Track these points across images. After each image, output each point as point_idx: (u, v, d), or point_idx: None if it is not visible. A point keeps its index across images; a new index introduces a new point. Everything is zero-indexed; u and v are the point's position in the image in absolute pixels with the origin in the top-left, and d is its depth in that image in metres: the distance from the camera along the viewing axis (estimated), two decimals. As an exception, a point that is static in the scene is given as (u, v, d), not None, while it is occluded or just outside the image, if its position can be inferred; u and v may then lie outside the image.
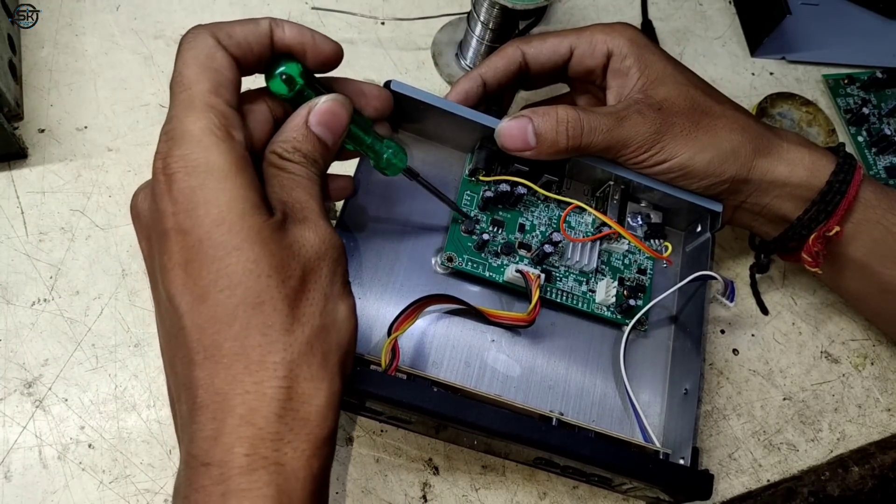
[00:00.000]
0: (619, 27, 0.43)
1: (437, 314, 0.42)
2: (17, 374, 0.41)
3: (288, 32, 0.33)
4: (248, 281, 0.28)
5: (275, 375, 0.28)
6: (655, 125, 0.40)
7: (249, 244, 0.28)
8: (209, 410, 0.28)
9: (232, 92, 0.31)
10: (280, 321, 0.28)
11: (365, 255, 0.42)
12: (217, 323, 0.28)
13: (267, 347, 0.28)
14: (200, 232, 0.28)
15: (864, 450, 0.48)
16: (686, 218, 0.46)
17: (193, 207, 0.28)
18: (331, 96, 0.34)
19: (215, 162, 0.29)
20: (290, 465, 0.27)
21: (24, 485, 0.39)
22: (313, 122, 0.33)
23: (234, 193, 0.29)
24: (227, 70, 0.31)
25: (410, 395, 0.35)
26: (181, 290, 0.29)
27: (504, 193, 0.43)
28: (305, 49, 0.33)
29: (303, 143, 0.33)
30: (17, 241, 0.44)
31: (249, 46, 0.32)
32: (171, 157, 0.29)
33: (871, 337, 0.52)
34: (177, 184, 0.29)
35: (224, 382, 0.28)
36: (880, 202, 0.43)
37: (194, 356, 0.28)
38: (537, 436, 0.36)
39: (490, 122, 0.42)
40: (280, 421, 0.28)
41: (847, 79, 0.62)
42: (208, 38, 0.31)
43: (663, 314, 0.45)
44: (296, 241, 0.30)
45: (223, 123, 0.30)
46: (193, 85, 0.30)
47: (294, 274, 0.29)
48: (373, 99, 0.38)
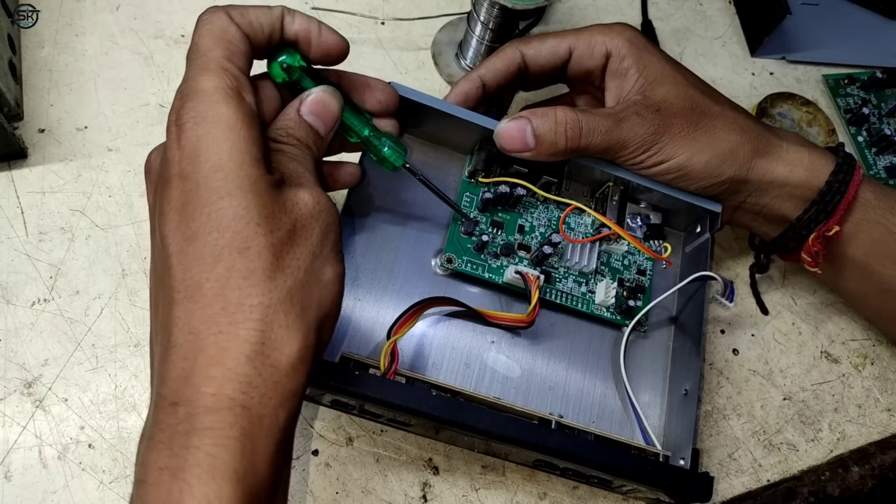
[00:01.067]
0: (617, 28, 0.43)
1: (436, 316, 0.42)
2: (17, 374, 0.41)
3: (297, 22, 0.34)
4: (236, 226, 0.29)
5: (250, 318, 0.28)
6: (653, 126, 0.40)
7: (243, 192, 0.29)
8: (182, 349, 0.28)
9: (244, 61, 0.33)
10: (262, 267, 0.29)
11: (364, 256, 0.42)
12: (202, 263, 0.29)
13: (246, 290, 0.28)
14: (199, 176, 0.29)
15: (864, 450, 0.48)
16: (685, 218, 0.46)
17: (196, 154, 0.29)
18: (321, 87, 0.35)
19: (223, 114, 0.30)
20: (255, 409, 0.27)
21: (24, 485, 0.39)
22: (304, 110, 0.35)
23: (236, 144, 0.30)
24: (239, 42, 0.32)
25: (409, 398, 0.35)
26: (173, 232, 0.29)
27: (503, 195, 0.43)
28: (310, 39, 0.35)
29: (296, 130, 0.34)
30: (17, 241, 0.44)
31: (261, 27, 0.33)
32: (183, 110, 0.30)
33: (871, 337, 0.52)
34: (185, 133, 0.30)
35: (200, 322, 0.28)
36: (880, 202, 0.43)
37: (175, 295, 0.29)
38: (536, 439, 0.36)
39: (489, 123, 0.42)
40: (250, 364, 0.28)
41: (847, 79, 0.62)
42: (223, 15, 0.33)
43: (663, 315, 0.45)
44: (289, 199, 0.31)
45: (235, 84, 0.31)
46: (208, 52, 0.32)
47: (283, 227, 0.30)
48: (378, 91, 0.39)
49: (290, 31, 0.34)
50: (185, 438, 0.26)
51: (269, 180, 0.30)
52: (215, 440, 0.26)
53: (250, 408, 0.27)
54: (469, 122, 0.42)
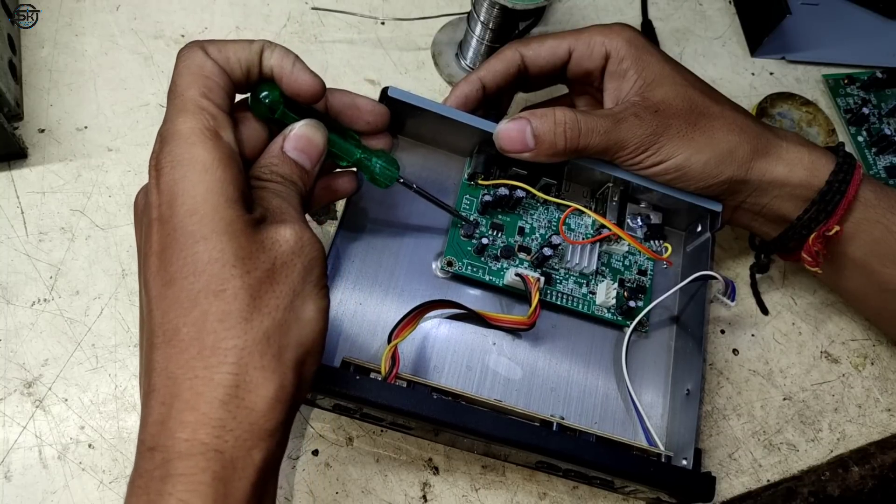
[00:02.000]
0: (617, 28, 0.43)
1: (437, 319, 0.42)
2: (17, 374, 0.41)
3: (274, 57, 0.34)
4: (211, 269, 0.29)
5: (224, 361, 0.28)
6: (652, 127, 0.40)
7: (217, 235, 0.29)
8: (160, 394, 0.28)
9: (222, 97, 0.32)
10: (238, 309, 0.29)
11: (365, 260, 0.42)
12: (178, 308, 0.29)
13: (222, 334, 0.28)
14: (175, 221, 0.29)
15: (864, 450, 0.48)
16: (686, 218, 0.46)
17: (173, 198, 0.30)
18: (304, 122, 0.35)
19: (198, 156, 0.30)
20: (229, 453, 0.27)
21: (24, 485, 0.39)
22: (288, 147, 0.34)
23: (211, 186, 0.30)
24: (216, 77, 0.32)
25: (410, 402, 0.35)
26: (154, 276, 0.30)
27: (503, 197, 0.43)
28: (282, 76, 0.34)
29: (279, 167, 0.34)
30: (17, 241, 0.44)
31: (239, 62, 0.33)
32: (161, 154, 0.31)
33: (871, 337, 0.52)
34: (163, 177, 0.30)
35: (177, 367, 0.28)
36: (880, 201, 0.43)
37: (154, 339, 0.29)
38: (538, 442, 0.36)
39: (488, 126, 0.42)
40: (223, 408, 0.28)
41: (847, 79, 0.62)
42: (199, 51, 0.32)
43: (664, 315, 0.45)
44: (269, 238, 0.31)
45: (212, 124, 0.31)
46: (185, 91, 0.31)
47: (261, 266, 0.30)
48: (366, 113, 0.39)
49: (266, 67, 0.34)
50: (160, 484, 0.27)
51: (247, 220, 0.30)
52: (187, 486, 0.27)
53: (223, 451, 0.27)
54: (468, 125, 0.42)
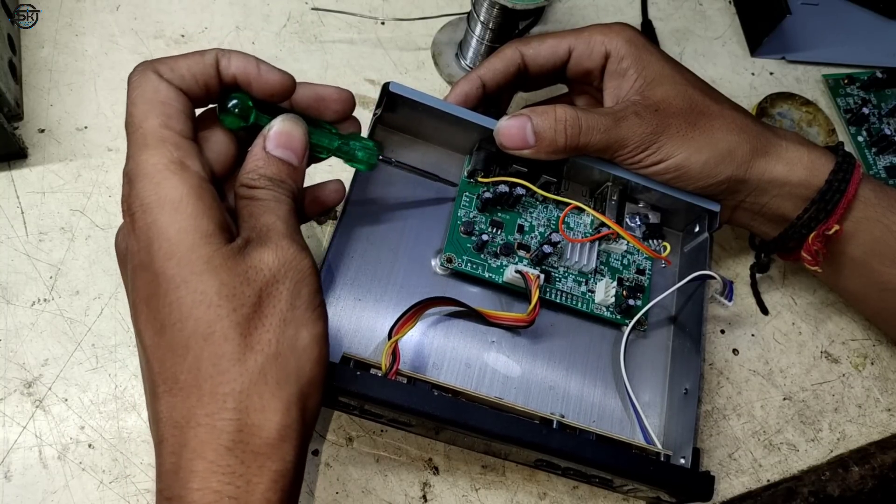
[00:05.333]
0: (617, 28, 0.43)
1: (437, 316, 0.42)
2: (17, 374, 0.41)
3: (234, 63, 0.33)
4: (196, 312, 0.28)
5: (225, 407, 0.28)
6: (652, 126, 0.40)
7: (197, 275, 0.28)
8: (169, 444, 0.28)
9: (183, 122, 0.31)
10: (230, 350, 0.28)
11: (364, 256, 0.42)
12: (173, 355, 0.28)
13: (217, 378, 0.28)
14: (156, 267, 0.29)
15: (865, 450, 0.48)
16: (684, 218, 0.46)
17: (150, 243, 0.29)
18: (281, 117, 0.34)
19: (166, 196, 0.29)
20: (243, 498, 0.27)
21: (24, 485, 0.39)
22: (271, 146, 0.33)
23: (183, 225, 0.29)
24: (174, 101, 0.31)
25: (410, 398, 0.35)
26: (144, 325, 0.29)
27: (503, 194, 0.43)
28: (250, 80, 0.33)
29: (266, 168, 0.33)
30: (17, 241, 0.44)
31: (194, 78, 0.32)
32: (131, 198, 0.30)
33: (871, 337, 0.52)
34: (136, 223, 0.29)
35: (180, 415, 0.28)
36: (880, 200, 0.43)
37: (156, 389, 0.29)
38: (538, 439, 0.36)
39: (488, 122, 0.42)
40: (230, 454, 0.28)
41: (847, 79, 0.62)
42: (150, 75, 0.31)
43: (663, 314, 0.45)
44: (252, 266, 0.30)
45: (176, 156, 0.30)
46: (143, 122, 0.30)
47: (247, 301, 0.29)
48: (332, 102, 0.37)
49: (228, 75, 0.33)
50: None
51: (227, 252, 0.29)
52: None
53: (237, 497, 0.27)
54: (468, 122, 0.42)
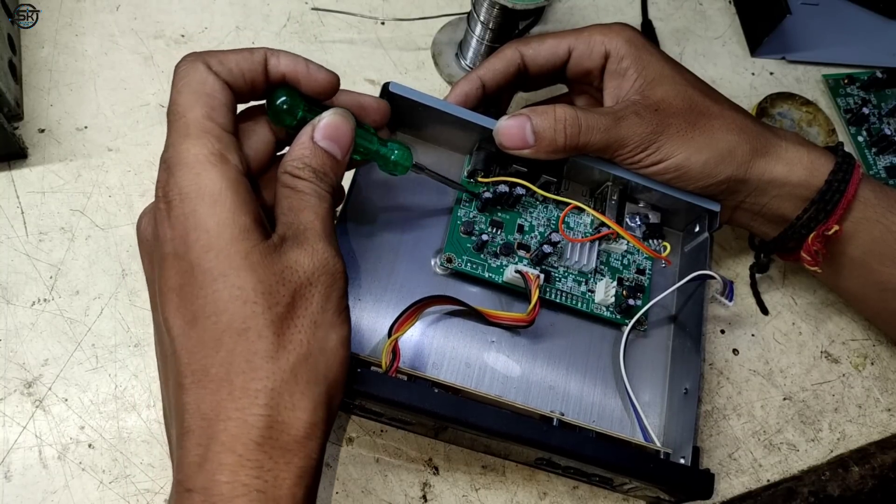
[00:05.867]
0: (616, 28, 0.43)
1: (436, 315, 0.42)
2: (17, 374, 0.41)
3: (283, 62, 0.33)
4: (233, 307, 0.28)
5: (256, 403, 0.28)
6: (652, 125, 0.40)
7: (236, 270, 0.29)
8: (195, 436, 0.28)
9: (226, 115, 0.31)
10: (264, 348, 0.29)
11: (365, 256, 0.42)
12: (204, 348, 0.28)
13: (250, 374, 0.28)
14: (192, 257, 0.29)
15: (865, 450, 0.48)
16: (684, 218, 0.46)
17: (186, 233, 0.29)
18: (332, 111, 0.34)
19: (206, 187, 0.29)
20: (271, 492, 0.28)
21: (24, 485, 0.39)
22: (318, 137, 0.33)
23: (222, 217, 0.29)
24: (219, 94, 0.31)
25: (411, 396, 0.35)
26: (174, 314, 0.29)
27: (503, 194, 0.43)
28: (299, 78, 0.34)
29: (311, 159, 0.33)
30: (17, 241, 0.44)
31: (242, 73, 0.32)
32: (168, 185, 0.30)
33: (871, 337, 0.52)
34: (173, 210, 0.29)
35: (209, 408, 0.28)
36: (879, 201, 0.43)
37: (183, 380, 0.29)
38: (538, 436, 0.36)
39: (488, 122, 0.42)
40: (259, 449, 0.28)
41: (847, 79, 0.62)
42: (199, 65, 0.31)
43: (663, 314, 0.45)
44: (288, 266, 0.30)
45: (217, 148, 0.30)
46: (187, 112, 0.30)
47: (282, 300, 0.29)
48: (372, 112, 0.38)
49: (277, 73, 0.33)
50: None
51: (264, 249, 0.30)
52: None
53: (265, 491, 0.28)
54: (468, 122, 0.42)
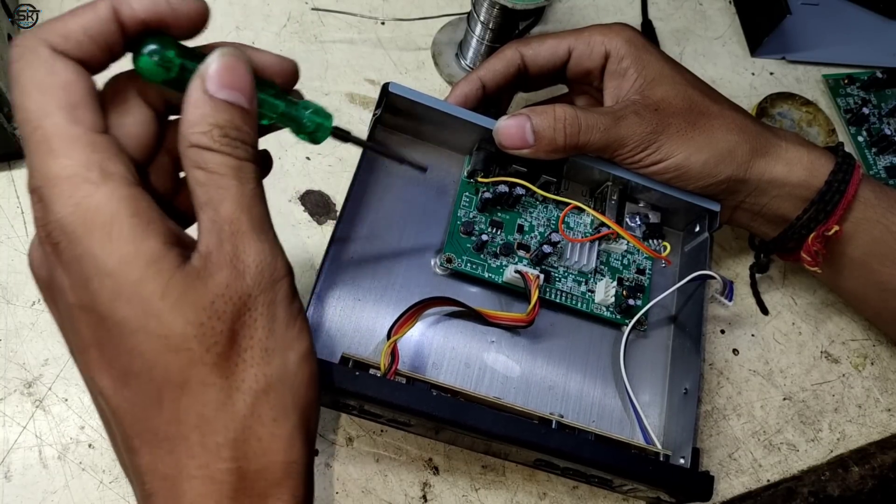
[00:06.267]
0: (616, 28, 0.43)
1: (436, 316, 0.42)
2: (17, 374, 0.41)
3: (136, 4, 0.25)
4: (163, 360, 0.24)
5: (220, 457, 0.25)
6: (651, 125, 0.40)
7: (155, 317, 0.24)
8: (160, 498, 0.25)
9: (92, 111, 0.25)
10: (214, 397, 0.25)
11: (364, 256, 0.42)
12: (145, 408, 0.25)
13: (204, 428, 0.25)
14: (101, 309, 0.24)
15: (864, 450, 0.48)
16: (684, 218, 0.46)
17: (86, 280, 0.24)
18: (218, 51, 0.26)
19: (93, 217, 0.24)
20: None
21: (24, 485, 0.39)
22: (213, 88, 0.25)
23: (123, 252, 0.24)
24: (76, 83, 0.25)
25: (409, 398, 0.35)
26: (100, 374, 0.25)
27: (502, 194, 0.43)
28: (164, 18, 0.26)
29: (214, 116, 0.25)
30: (17, 241, 0.44)
31: (92, 40, 0.25)
32: (49, 225, 0.24)
33: (871, 337, 0.52)
34: (62, 255, 0.24)
35: (168, 468, 0.25)
36: (880, 201, 0.43)
37: (132, 443, 0.26)
38: (537, 439, 0.36)
39: (488, 122, 0.42)
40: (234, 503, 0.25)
41: (847, 79, 0.62)
42: (41, 50, 0.24)
43: (662, 314, 0.45)
44: (218, 295, 0.25)
45: (94, 160, 0.24)
46: (43, 120, 0.24)
47: (220, 338, 0.25)
48: (274, 74, 0.29)
49: (134, 21, 0.25)
50: None
51: (185, 279, 0.24)
52: None
53: None
54: (468, 122, 0.42)
